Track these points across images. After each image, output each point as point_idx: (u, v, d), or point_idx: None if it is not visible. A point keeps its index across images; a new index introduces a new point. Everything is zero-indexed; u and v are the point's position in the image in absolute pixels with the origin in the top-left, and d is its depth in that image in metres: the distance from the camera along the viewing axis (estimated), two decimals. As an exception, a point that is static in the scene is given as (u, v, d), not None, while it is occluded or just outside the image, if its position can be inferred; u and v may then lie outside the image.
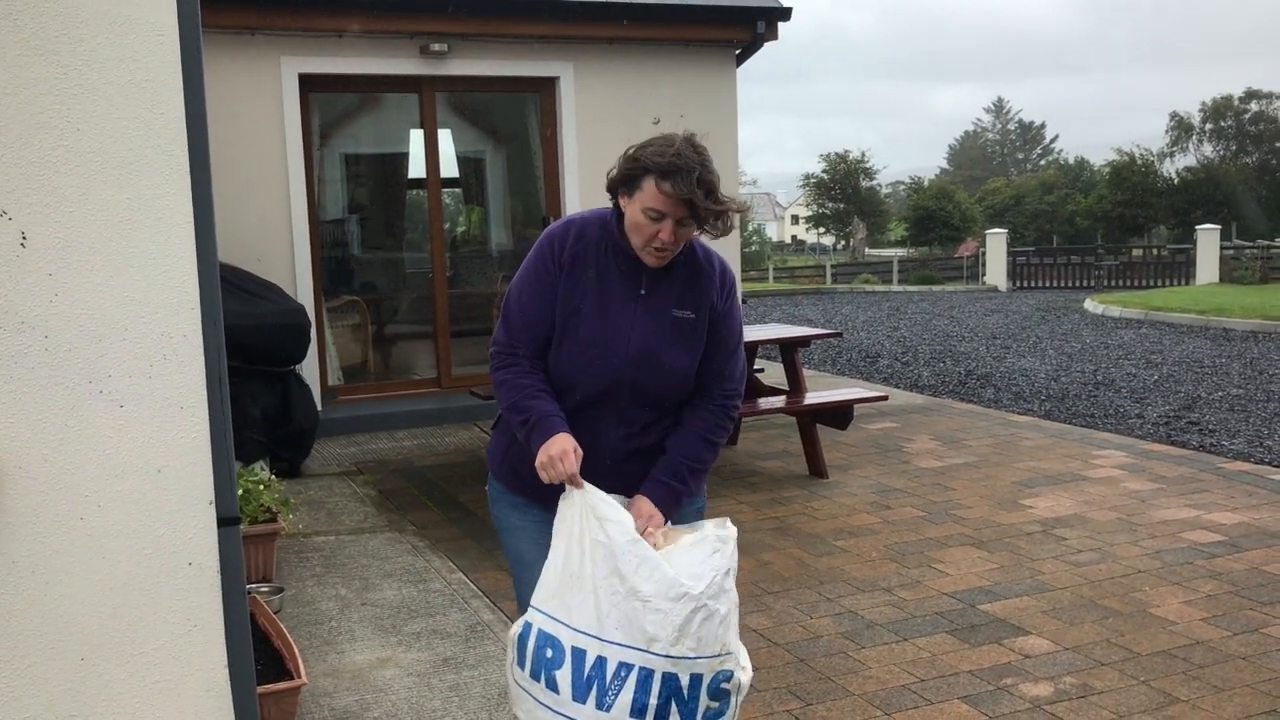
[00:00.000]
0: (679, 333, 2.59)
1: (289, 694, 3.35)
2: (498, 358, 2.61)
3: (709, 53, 9.20)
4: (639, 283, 2.58)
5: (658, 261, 2.53)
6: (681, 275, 2.61)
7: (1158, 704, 3.55)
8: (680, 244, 2.52)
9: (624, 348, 2.55)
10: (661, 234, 2.46)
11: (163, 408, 2.27)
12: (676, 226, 2.45)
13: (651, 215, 2.45)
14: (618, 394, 2.57)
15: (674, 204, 2.42)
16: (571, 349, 2.56)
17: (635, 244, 2.52)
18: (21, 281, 2.13)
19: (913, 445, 7.40)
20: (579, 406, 2.58)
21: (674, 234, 2.46)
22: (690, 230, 2.49)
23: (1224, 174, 42.94)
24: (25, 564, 2.19)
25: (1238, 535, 5.25)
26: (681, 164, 2.41)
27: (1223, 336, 14.63)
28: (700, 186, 2.40)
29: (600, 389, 2.56)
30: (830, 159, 54.12)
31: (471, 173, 10.16)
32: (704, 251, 2.67)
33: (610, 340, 2.55)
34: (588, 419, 2.59)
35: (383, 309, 9.62)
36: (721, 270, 2.67)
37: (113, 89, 2.17)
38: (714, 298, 2.63)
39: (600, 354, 2.54)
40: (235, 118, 7.81)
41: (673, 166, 2.41)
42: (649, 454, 2.63)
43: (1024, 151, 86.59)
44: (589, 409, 2.59)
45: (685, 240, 2.53)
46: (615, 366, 2.55)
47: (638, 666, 2.30)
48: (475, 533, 5.61)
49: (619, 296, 2.57)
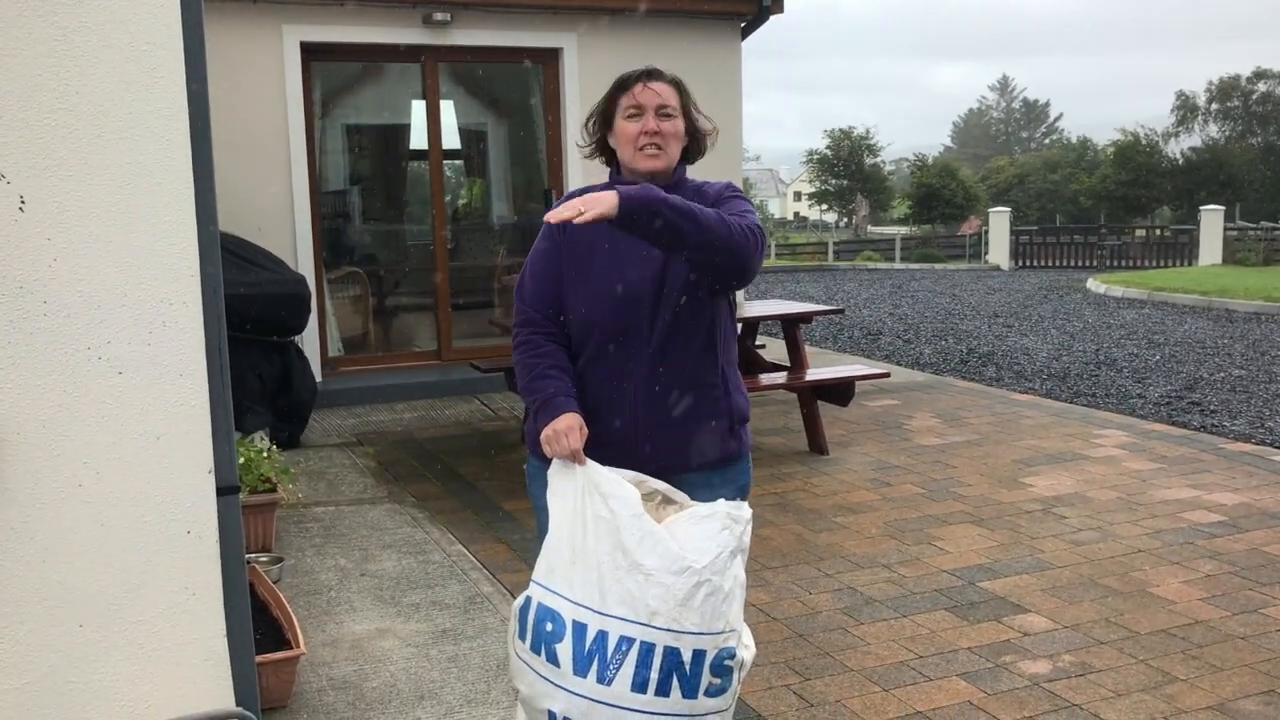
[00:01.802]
0: None
1: (287, 663, 3.36)
2: (515, 335, 2.68)
3: (714, 25, 9.13)
4: None
5: (652, 162, 2.58)
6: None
7: (1156, 683, 3.55)
8: (671, 142, 2.59)
9: (640, 270, 2.54)
10: (647, 124, 2.56)
11: (162, 375, 2.25)
12: (659, 118, 2.56)
13: (631, 114, 2.58)
14: (642, 329, 2.54)
15: (645, 94, 2.57)
16: (588, 286, 2.58)
17: (629, 156, 2.60)
18: (20, 246, 2.11)
19: (914, 423, 7.39)
20: (603, 347, 2.56)
21: (658, 123, 2.56)
22: (673, 123, 2.58)
23: (1229, 155, 42.78)
24: (23, 530, 2.19)
25: (1238, 516, 5.25)
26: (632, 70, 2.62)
27: (1225, 318, 14.60)
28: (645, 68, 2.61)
29: (623, 325, 2.54)
30: (834, 135, 53.89)
31: (473, 144, 10.10)
32: (700, 181, 2.72)
33: (628, 266, 2.55)
34: (615, 361, 2.56)
35: (383, 281, 9.60)
36: (720, 188, 2.68)
37: (113, 52, 2.14)
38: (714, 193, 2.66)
39: (618, 287, 2.55)
40: (236, 86, 7.76)
41: (626, 75, 2.62)
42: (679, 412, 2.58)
43: (1028, 130, 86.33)
44: (615, 351, 2.56)
45: (674, 139, 2.59)
46: (634, 299, 2.54)
47: (639, 640, 2.29)
48: (475, 505, 5.61)
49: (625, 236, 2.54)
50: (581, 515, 2.38)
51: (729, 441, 2.68)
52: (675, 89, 2.62)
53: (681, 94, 2.63)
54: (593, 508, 2.37)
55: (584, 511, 2.38)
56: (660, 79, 2.60)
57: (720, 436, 2.65)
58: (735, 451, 2.70)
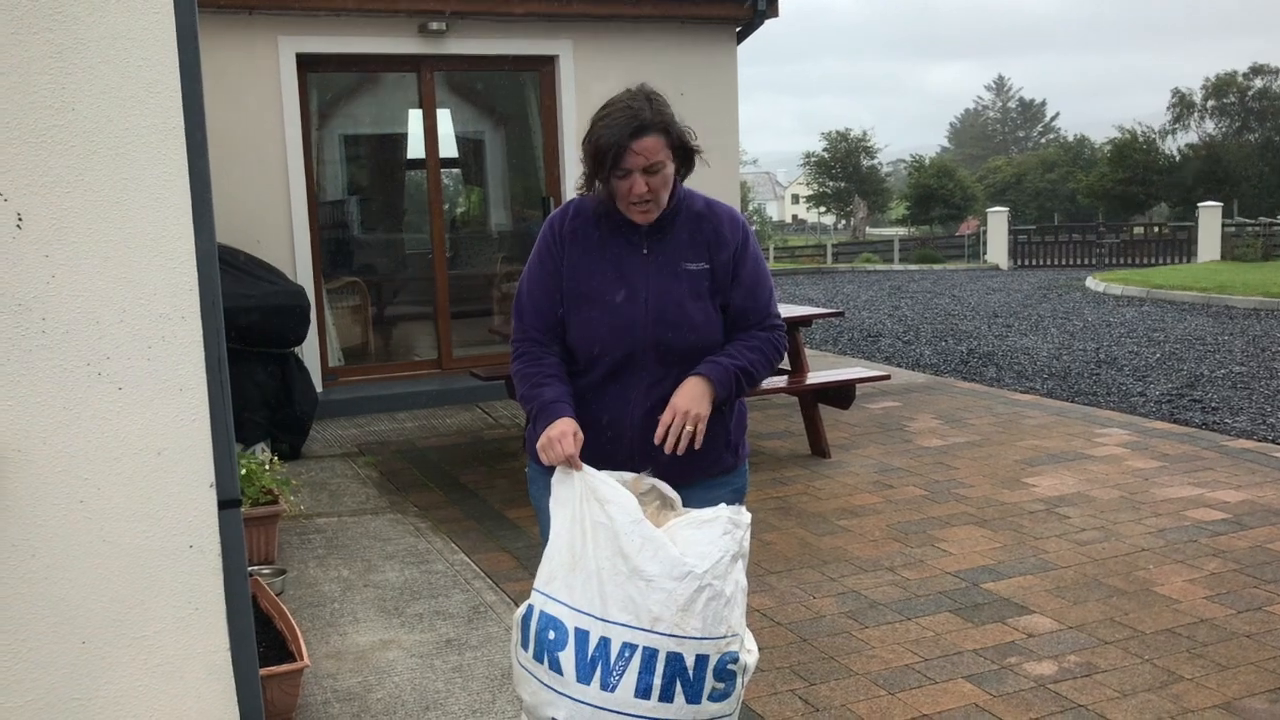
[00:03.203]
0: (694, 285, 2.59)
1: (291, 676, 3.35)
2: (513, 350, 2.69)
3: (709, 30, 9.13)
4: (641, 245, 2.60)
5: (645, 217, 2.56)
6: (683, 230, 2.63)
7: (1162, 682, 3.55)
8: (661, 192, 2.53)
9: (641, 307, 2.56)
10: (635, 188, 2.49)
11: (162, 390, 2.25)
12: (645, 175, 2.49)
13: (620, 174, 2.50)
14: (643, 358, 2.56)
15: (632, 159, 2.46)
16: (588, 316, 2.58)
17: (623, 207, 2.56)
18: (18, 263, 2.11)
19: (915, 424, 7.39)
20: (605, 378, 2.59)
21: (646, 183, 2.49)
22: (662, 175, 2.51)
23: (1226, 151, 42.76)
24: (25, 547, 2.18)
25: (1241, 513, 5.24)
26: (613, 124, 2.46)
27: (1225, 314, 14.60)
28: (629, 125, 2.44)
29: (624, 353, 2.56)
30: (831, 137, 53.91)
31: (470, 153, 10.11)
32: (705, 203, 2.68)
33: (627, 301, 2.56)
34: (615, 391, 2.59)
35: (383, 290, 9.60)
36: (730, 216, 2.67)
37: (108, 68, 2.14)
38: (727, 243, 2.63)
39: (619, 316, 2.55)
40: (233, 98, 7.77)
41: (610, 139, 2.46)
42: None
43: (1025, 129, 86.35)
44: (616, 379, 2.58)
45: (665, 187, 2.54)
46: (635, 326, 2.55)
47: (641, 647, 2.29)
48: (477, 514, 5.60)
49: (627, 260, 2.59)
50: (581, 522, 2.38)
51: (726, 457, 2.71)
52: (662, 134, 2.48)
53: (669, 134, 2.49)
54: (591, 514, 2.37)
55: (583, 518, 2.38)
56: (645, 134, 2.45)
57: (718, 455, 2.68)
58: (732, 465, 2.73)
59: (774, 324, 2.70)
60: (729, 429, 2.70)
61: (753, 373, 2.62)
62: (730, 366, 2.57)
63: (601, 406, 2.59)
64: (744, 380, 2.60)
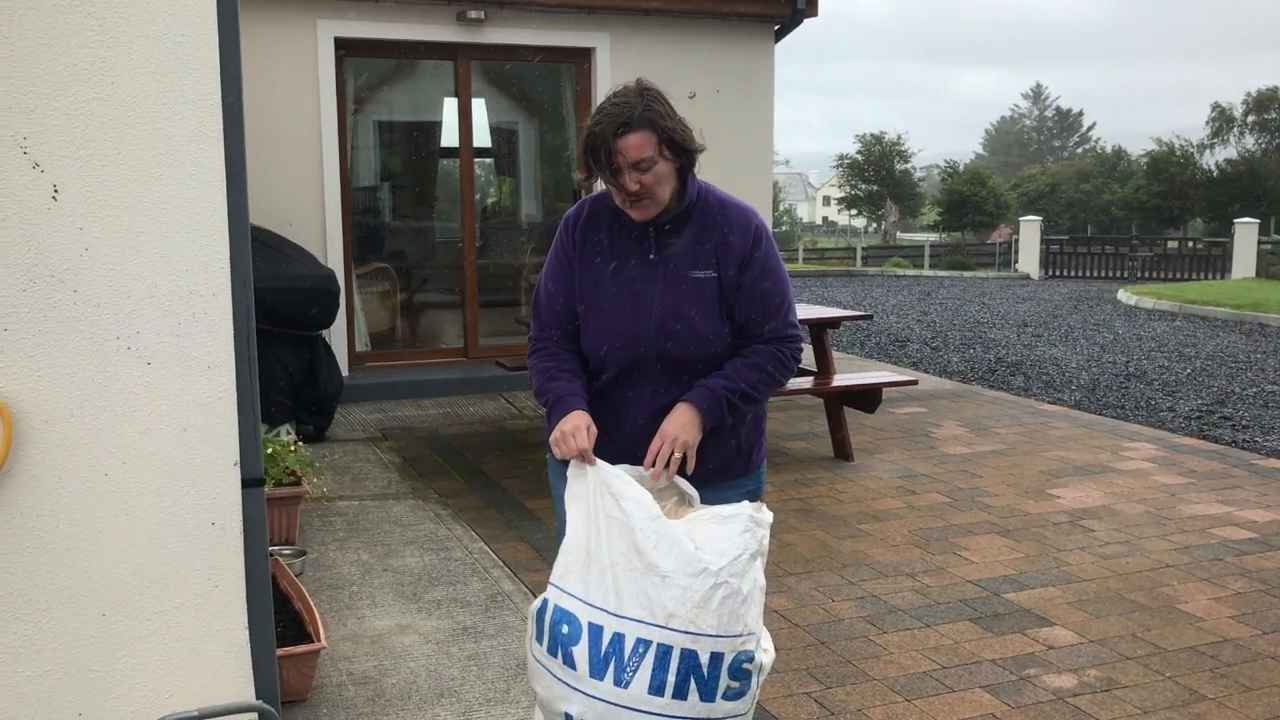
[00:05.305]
0: (701, 294, 2.53)
1: (308, 657, 3.36)
2: (531, 345, 2.68)
3: (748, 28, 9.09)
4: (649, 248, 2.56)
5: (642, 214, 2.51)
6: (691, 231, 2.56)
7: (1183, 700, 3.50)
8: (656, 189, 2.46)
9: (646, 316, 2.53)
10: (626, 184, 2.44)
11: (190, 366, 2.26)
12: (635, 171, 2.43)
13: (610, 171, 2.45)
14: (648, 365, 2.55)
15: (617, 158, 2.42)
16: (596, 323, 2.57)
17: (620, 205, 2.53)
18: (52, 234, 2.12)
19: (940, 431, 7.34)
20: (613, 383, 2.58)
21: (637, 180, 2.43)
22: (654, 172, 2.44)
23: (1265, 167, 42.24)
24: (49, 517, 2.19)
25: (1270, 533, 5.17)
26: (600, 120, 2.43)
27: (1259, 332, 14.42)
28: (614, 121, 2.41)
29: (630, 360, 2.55)
30: (865, 140, 53.64)
31: (504, 143, 10.12)
32: (720, 204, 2.60)
33: (632, 310, 2.54)
34: (622, 396, 2.58)
35: (412, 277, 9.62)
36: (743, 221, 2.58)
37: (147, 42, 2.15)
38: (734, 251, 2.55)
39: (624, 325, 2.54)
40: (270, 80, 7.80)
41: (595, 135, 2.43)
42: None
43: (1061, 139, 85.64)
44: (623, 385, 2.57)
45: (660, 184, 2.47)
46: (640, 335, 2.53)
47: (656, 643, 2.28)
48: (497, 503, 5.61)
49: (634, 266, 2.56)
50: (595, 517, 2.37)
51: (736, 463, 2.67)
52: (649, 129, 2.42)
53: (657, 129, 2.42)
54: (605, 509, 2.36)
55: (597, 513, 2.37)
56: (629, 131, 2.40)
57: (726, 461, 2.64)
58: (743, 471, 2.69)
59: (785, 335, 2.61)
60: (740, 436, 2.65)
61: (750, 393, 2.55)
62: (722, 392, 2.51)
63: (610, 410, 2.57)
64: (740, 403, 2.54)
